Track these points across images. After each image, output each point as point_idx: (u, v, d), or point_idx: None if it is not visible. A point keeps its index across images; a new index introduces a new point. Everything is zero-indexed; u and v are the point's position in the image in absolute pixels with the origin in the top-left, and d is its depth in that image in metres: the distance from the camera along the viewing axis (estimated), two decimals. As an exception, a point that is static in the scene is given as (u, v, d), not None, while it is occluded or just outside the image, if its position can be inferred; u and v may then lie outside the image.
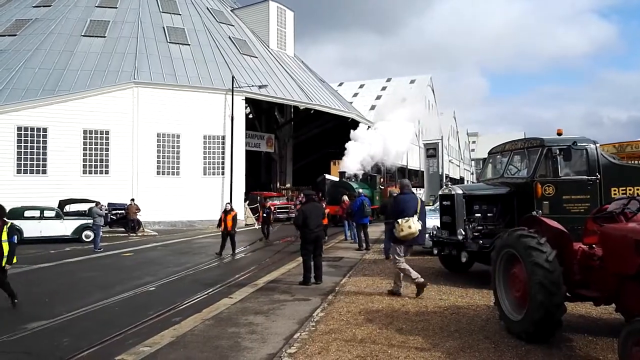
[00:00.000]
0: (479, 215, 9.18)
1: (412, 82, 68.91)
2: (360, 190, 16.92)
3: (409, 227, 7.57)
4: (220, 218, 15.23)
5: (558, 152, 8.27)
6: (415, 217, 7.70)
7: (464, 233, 8.87)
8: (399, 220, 7.72)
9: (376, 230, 19.05)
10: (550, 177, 8.37)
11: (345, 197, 17.89)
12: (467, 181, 76.82)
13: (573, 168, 8.50)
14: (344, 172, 26.21)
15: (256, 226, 18.73)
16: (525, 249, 5.41)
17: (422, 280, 7.95)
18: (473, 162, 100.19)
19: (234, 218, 14.97)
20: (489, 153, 10.37)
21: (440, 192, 10.29)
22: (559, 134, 8.70)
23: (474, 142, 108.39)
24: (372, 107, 66.52)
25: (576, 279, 5.39)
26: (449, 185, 9.76)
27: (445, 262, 10.37)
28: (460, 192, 9.32)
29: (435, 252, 10.00)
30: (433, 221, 11.48)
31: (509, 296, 5.90)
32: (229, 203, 15.57)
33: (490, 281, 6.28)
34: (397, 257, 8.02)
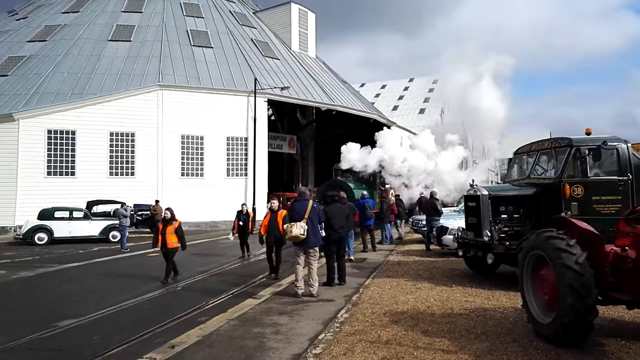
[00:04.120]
0: (505, 216, 9.05)
1: (435, 82, 68.25)
2: (365, 192, 16.32)
3: (291, 231, 8.31)
4: (158, 229, 10.70)
5: (587, 152, 8.08)
6: (302, 222, 8.33)
7: (489, 234, 8.75)
8: (285, 225, 8.63)
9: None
10: (579, 178, 8.19)
11: (392, 198, 18.00)
12: (492, 182, 75.60)
13: (603, 168, 8.31)
14: (339, 169, 21.89)
15: (230, 237, 14.47)
16: (554, 250, 5.30)
17: (301, 290, 8.40)
18: (497, 162, 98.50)
19: (178, 230, 10.56)
20: (515, 153, 10.20)
21: (465, 193, 10.16)
22: (588, 133, 8.51)
23: (498, 142, 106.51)
24: (395, 108, 66.11)
25: (608, 281, 5.27)
26: (475, 186, 9.62)
27: (470, 263, 10.23)
28: (485, 192, 9.19)
29: (461, 253, 9.89)
30: (458, 222, 11.35)
31: (537, 299, 5.78)
32: (168, 209, 10.81)
33: (517, 283, 6.18)
34: (296, 258, 8.68)
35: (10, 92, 25.17)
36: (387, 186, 23.38)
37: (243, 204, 15.02)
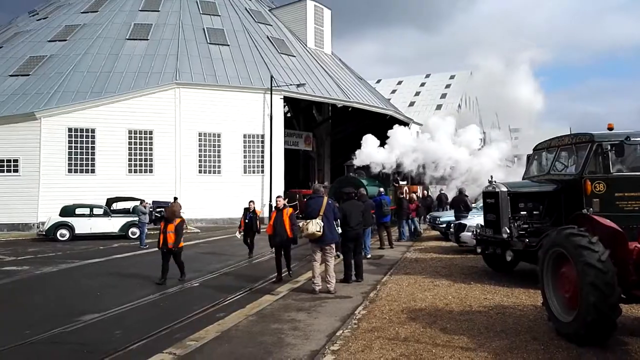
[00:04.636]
0: (525, 213, 8.94)
1: (452, 77, 67.65)
2: (381, 189, 16.19)
3: (307, 228, 8.39)
4: (160, 228, 10.37)
5: (609, 148, 7.92)
6: (318, 219, 8.39)
7: (509, 231, 8.66)
8: (301, 223, 8.75)
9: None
10: (600, 174, 8.03)
11: (414, 195, 17.79)
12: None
13: (626, 164, 8.13)
14: (352, 166, 21.12)
15: (238, 235, 14.32)
16: (576, 248, 5.22)
17: (318, 287, 8.47)
18: (516, 158, 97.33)
19: (178, 229, 10.13)
20: (534, 149, 10.06)
21: (483, 190, 10.05)
22: (610, 128, 8.35)
23: (516, 138, 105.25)
24: (411, 104, 65.74)
25: (632, 279, 5.17)
26: (493, 182, 9.51)
27: (489, 261, 10.14)
28: (504, 189, 9.08)
29: (479, 250, 9.80)
30: (477, 219, 11.25)
31: (557, 297, 5.71)
32: (168, 207, 10.02)
33: (537, 281, 6.10)
34: (313, 255, 8.77)
35: (32, 92, 25.65)
36: (401, 183, 23.20)
37: (251, 201, 14.49)
